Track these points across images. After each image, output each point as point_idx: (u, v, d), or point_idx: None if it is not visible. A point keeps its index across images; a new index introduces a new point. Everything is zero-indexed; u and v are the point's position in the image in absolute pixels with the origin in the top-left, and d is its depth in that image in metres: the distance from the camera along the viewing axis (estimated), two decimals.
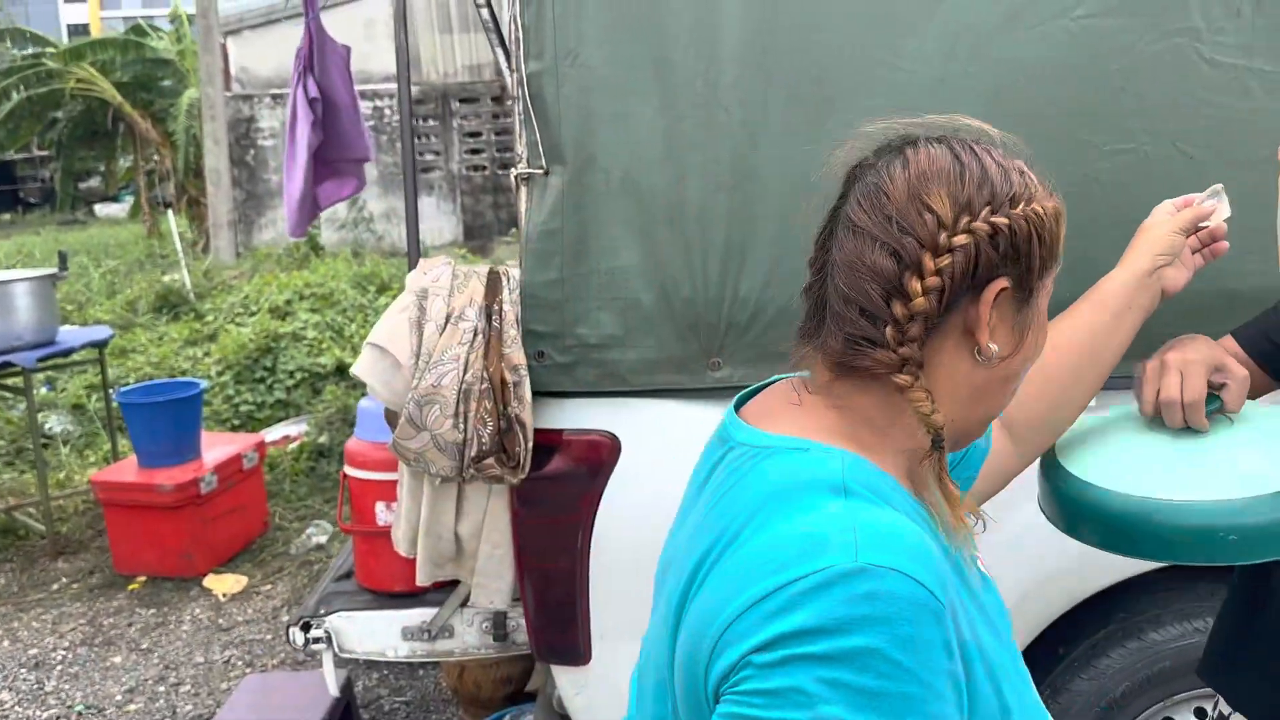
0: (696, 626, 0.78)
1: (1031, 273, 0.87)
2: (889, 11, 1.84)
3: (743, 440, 0.90)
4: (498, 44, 1.97)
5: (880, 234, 0.84)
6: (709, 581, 0.79)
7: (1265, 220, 1.88)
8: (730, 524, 0.82)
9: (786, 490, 0.81)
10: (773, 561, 0.74)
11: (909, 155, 0.88)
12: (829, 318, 0.88)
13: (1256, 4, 1.82)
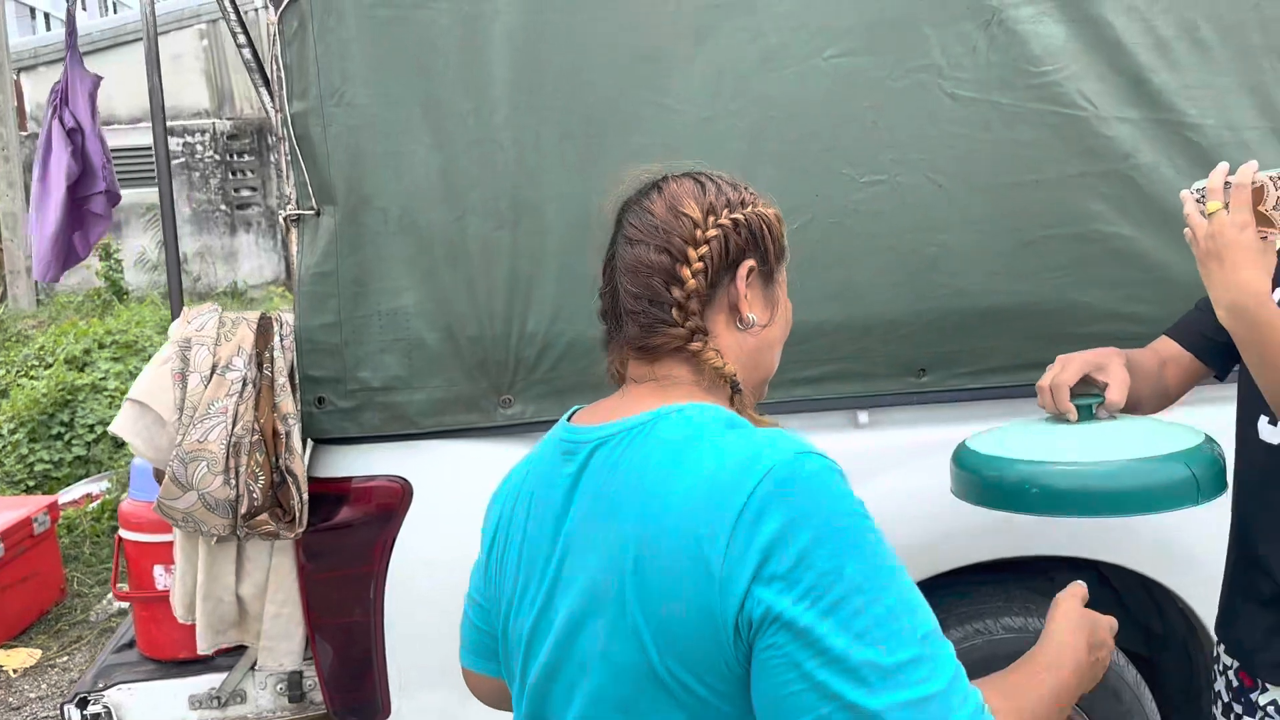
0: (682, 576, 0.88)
1: (770, 255, 1.09)
2: (652, 52, 1.89)
3: (610, 432, 1.02)
4: (261, 84, 1.89)
5: (651, 239, 1.05)
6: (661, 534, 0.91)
7: (1009, 242, 2.05)
8: (648, 484, 0.94)
9: (691, 438, 0.96)
10: (724, 484, 0.89)
11: (662, 186, 1.10)
12: (624, 319, 1.06)
13: (991, 41, 1.98)
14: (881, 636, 0.83)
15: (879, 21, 1.94)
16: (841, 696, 0.82)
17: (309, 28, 1.80)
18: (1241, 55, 2.02)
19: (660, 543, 0.90)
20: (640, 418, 1.01)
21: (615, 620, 0.93)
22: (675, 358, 1.05)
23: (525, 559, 1.06)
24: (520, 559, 1.07)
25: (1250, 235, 1.31)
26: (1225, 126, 2.04)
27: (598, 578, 0.95)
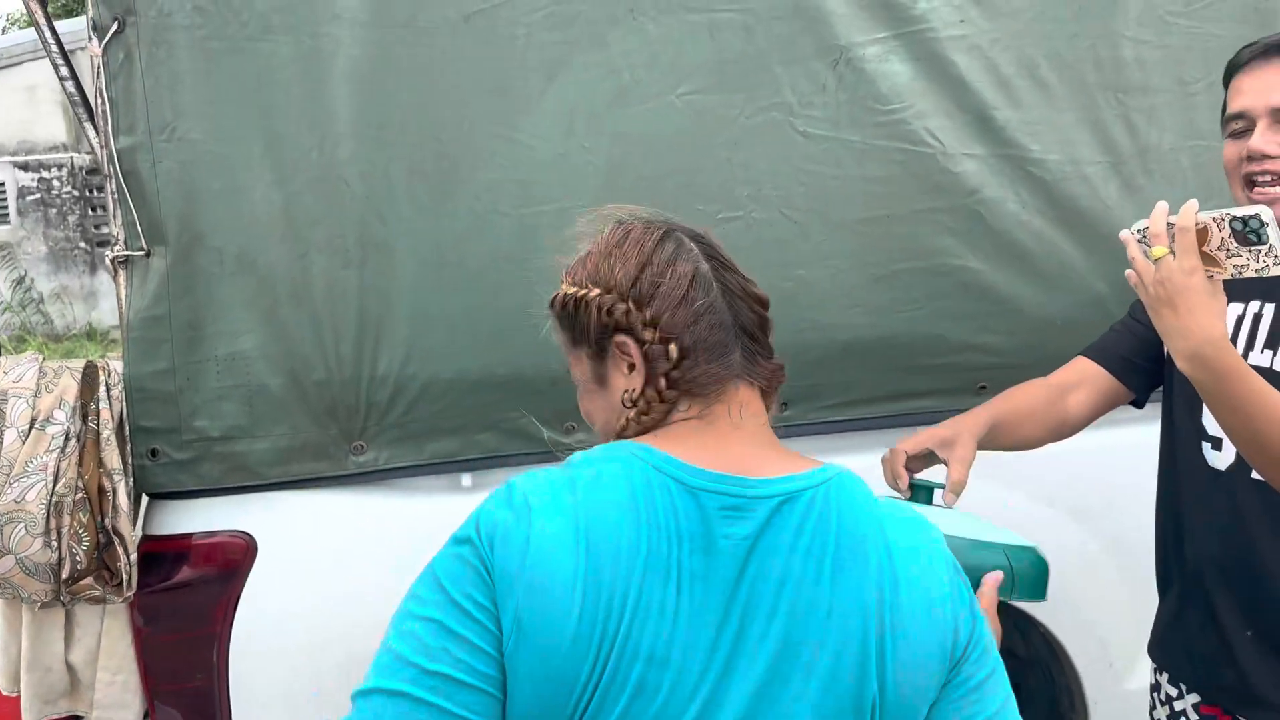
0: (922, 622, 0.92)
1: None
2: (503, 87, 1.85)
3: (793, 489, 0.95)
4: (86, 119, 1.79)
5: (739, 269, 1.09)
6: (905, 588, 0.93)
7: (863, 276, 2.07)
8: (874, 548, 0.94)
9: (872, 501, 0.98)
10: (926, 541, 0.97)
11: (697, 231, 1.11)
12: (744, 346, 1.01)
13: (839, 80, 2.01)
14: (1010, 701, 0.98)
15: (730, 60, 1.94)
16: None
17: (136, 60, 1.71)
18: (1079, 92, 2.09)
19: (902, 606, 0.92)
20: (818, 475, 0.96)
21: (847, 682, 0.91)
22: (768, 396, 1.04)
23: (672, 634, 0.89)
24: (659, 634, 0.89)
25: (1200, 279, 1.27)
26: (1067, 161, 2.12)
27: (810, 644, 0.91)
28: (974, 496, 2.14)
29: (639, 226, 1.07)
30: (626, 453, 0.96)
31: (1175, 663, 1.61)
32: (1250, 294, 1.48)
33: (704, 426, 0.99)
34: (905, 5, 2.00)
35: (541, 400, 1.95)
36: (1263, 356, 1.44)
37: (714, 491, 0.93)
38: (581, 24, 1.88)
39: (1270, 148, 1.39)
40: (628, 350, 1.02)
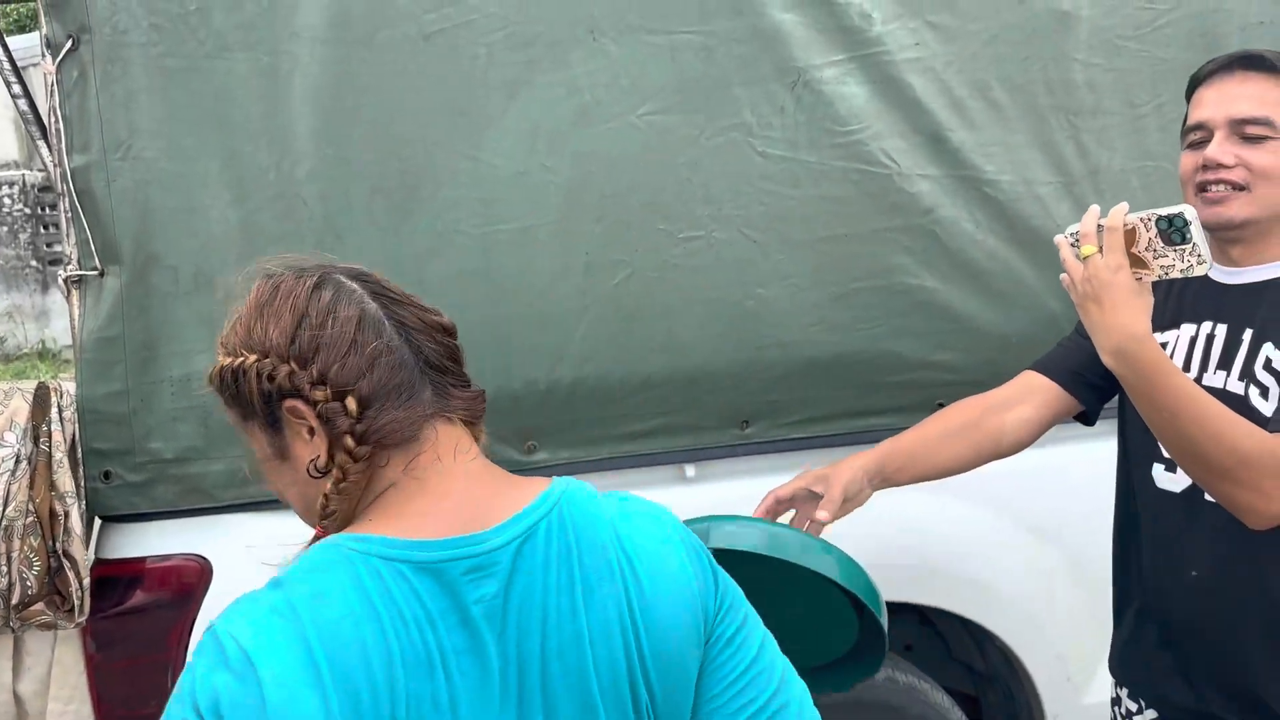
0: (673, 611, 0.94)
1: None
2: (465, 106, 1.86)
3: (520, 530, 0.92)
4: (39, 137, 1.76)
5: (419, 304, 1.02)
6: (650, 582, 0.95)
7: (822, 295, 2.09)
8: (614, 557, 0.94)
9: (598, 502, 0.99)
10: (659, 529, 0.99)
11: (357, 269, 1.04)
12: (445, 381, 0.96)
13: (797, 101, 2.03)
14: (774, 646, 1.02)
15: (690, 81, 1.96)
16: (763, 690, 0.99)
17: (90, 77, 1.69)
18: (1032, 114, 2.13)
19: (650, 602, 0.93)
20: (542, 504, 0.93)
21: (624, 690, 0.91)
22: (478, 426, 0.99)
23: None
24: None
25: (1125, 276, 1.30)
26: (1020, 182, 2.15)
27: (593, 673, 0.90)
28: (938, 514, 2.17)
29: (289, 277, 0.97)
30: (342, 553, 0.86)
31: (1134, 679, 1.63)
32: (1203, 315, 1.50)
33: (416, 488, 0.91)
34: (861, 28, 2.03)
35: (502, 419, 1.94)
36: (1215, 377, 1.45)
37: (451, 560, 0.87)
38: (543, 44, 1.89)
39: (1225, 157, 1.40)
40: (301, 414, 0.91)
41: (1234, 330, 1.44)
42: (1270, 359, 1.38)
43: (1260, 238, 1.43)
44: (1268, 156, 1.39)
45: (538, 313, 1.92)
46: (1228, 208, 1.41)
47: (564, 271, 1.93)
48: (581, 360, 1.96)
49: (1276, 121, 1.38)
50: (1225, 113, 1.41)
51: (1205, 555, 1.47)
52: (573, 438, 1.99)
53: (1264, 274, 1.44)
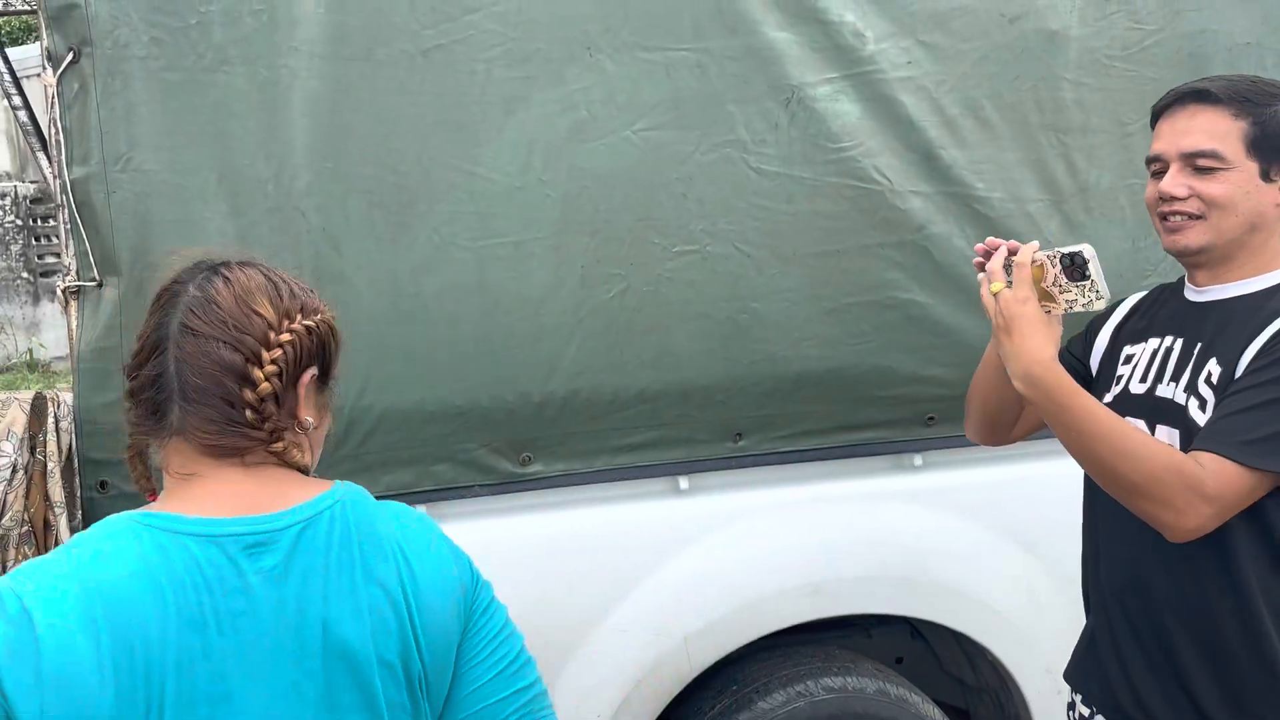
0: (441, 594, 1.07)
1: (329, 365, 1.11)
2: (461, 121, 1.87)
3: (305, 515, 1.02)
4: (39, 149, 1.78)
5: (220, 334, 1.01)
6: (420, 570, 1.06)
7: (814, 310, 2.11)
8: (388, 542, 1.06)
9: (373, 501, 1.09)
10: (424, 528, 1.11)
11: (228, 274, 1.05)
12: (189, 410, 1.01)
13: (791, 118, 2.05)
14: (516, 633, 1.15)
15: (685, 98, 1.98)
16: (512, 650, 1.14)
17: (91, 90, 1.71)
18: (1022, 132, 2.16)
19: (421, 584, 1.06)
20: (327, 498, 1.04)
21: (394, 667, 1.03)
22: (256, 451, 1.03)
23: (227, 673, 0.96)
24: (214, 677, 0.95)
25: (1032, 307, 1.41)
26: (1011, 199, 2.18)
27: (369, 646, 1.02)
28: (930, 527, 2.19)
29: (169, 281, 1.08)
30: (128, 524, 0.98)
31: (1086, 686, 1.65)
32: (1167, 330, 1.55)
33: (196, 482, 1.02)
34: (855, 47, 2.05)
35: (498, 431, 1.96)
36: (1168, 388, 1.50)
37: (233, 535, 0.98)
38: (539, 60, 1.91)
39: (1178, 190, 1.47)
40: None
41: (1187, 345, 1.51)
42: (1211, 373, 1.44)
43: (1220, 262, 1.49)
44: (1218, 187, 1.44)
45: (533, 326, 1.94)
46: (1184, 236, 1.48)
47: (559, 285, 1.95)
48: (576, 373, 1.97)
49: (1223, 153, 1.44)
50: (1177, 146, 1.48)
51: (1149, 561, 1.51)
52: (567, 450, 2.00)
53: (1221, 293, 1.50)
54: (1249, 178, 1.44)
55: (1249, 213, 1.44)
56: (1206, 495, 1.33)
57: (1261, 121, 1.44)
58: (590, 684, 2.01)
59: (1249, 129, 1.44)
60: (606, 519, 2.06)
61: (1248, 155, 1.44)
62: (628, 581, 2.04)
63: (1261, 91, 1.46)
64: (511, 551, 1.99)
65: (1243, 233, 1.45)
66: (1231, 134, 1.44)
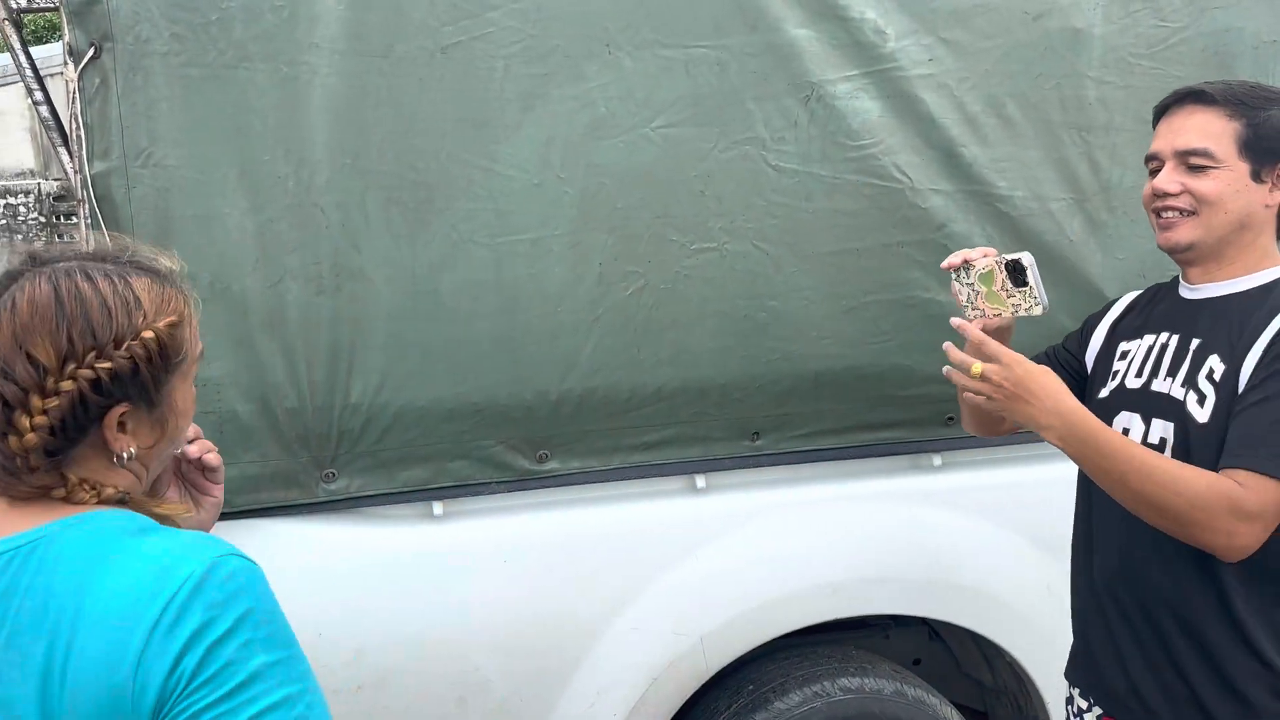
0: (90, 694, 0.85)
1: (150, 388, 0.97)
2: (481, 118, 1.87)
3: None
4: (60, 144, 1.78)
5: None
6: (77, 656, 0.85)
7: (833, 308, 2.10)
8: (56, 606, 0.87)
9: (100, 550, 0.89)
10: (142, 597, 0.86)
11: (16, 296, 0.93)
12: None
13: (811, 116, 2.04)
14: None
15: (704, 95, 1.97)
16: None
17: (112, 85, 1.71)
18: (1045, 130, 2.14)
19: (74, 670, 0.86)
20: (29, 535, 0.90)
21: None
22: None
23: None
24: None
25: (1027, 364, 1.44)
26: (1033, 198, 2.16)
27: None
28: (948, 527, 2.17)
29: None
30: None
31: (1085, 680, 1.66)
32: (1162, 326, 1.59)
33: None
34: (875, 44, 2.04)
35: (515, 428, 1.96)
36: (1164, 383, 1.53)
37: None
38: (558, 57, 1.90)
39: (1171, 186, 1.51)
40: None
41: (1183, 340, 1.54)
42: (1213, 369, 1.47)
43: (1211, 258, 1.53)
44: (1209, 184, 1.49)
45: (550, 323, 1.94)
46: (1175, 232, 1.52)
47: (577, 282, 1.94)
48: (593, 371, 1.97)
49: (1215, 152, 1.49)
50: (1172, 145, 1.53)
51: (1144, 551, 1.52)
52: (584, 448, 2.00)
53: (1215, 291, 1.54)
54: (1239, 177, 1.48)
55: (1239, 211, 1.49)
56: (1249, 514, 1.35)
57: (1255, 124, 1.48)
58: (605, 682, 2.00)
59: (1242, 130, 1.49)
60: (623, 517, 2.05)
61: (1240, 156, 1.48)
62: (643, 580, 2.04)
63: (1258, 96, 1.51)
64: (527, 548, 1.99)
65: (1232, 230, 1.50)
66: (1225, 134, 1.49)
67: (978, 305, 1.59)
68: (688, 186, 1.99)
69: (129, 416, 0.96)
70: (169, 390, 0.99)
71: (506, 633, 1.96)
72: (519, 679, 1.97)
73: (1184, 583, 1.48)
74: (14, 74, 8.74)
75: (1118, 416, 1.59)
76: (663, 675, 2.03)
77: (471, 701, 1.96)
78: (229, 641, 0.87)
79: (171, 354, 0.98)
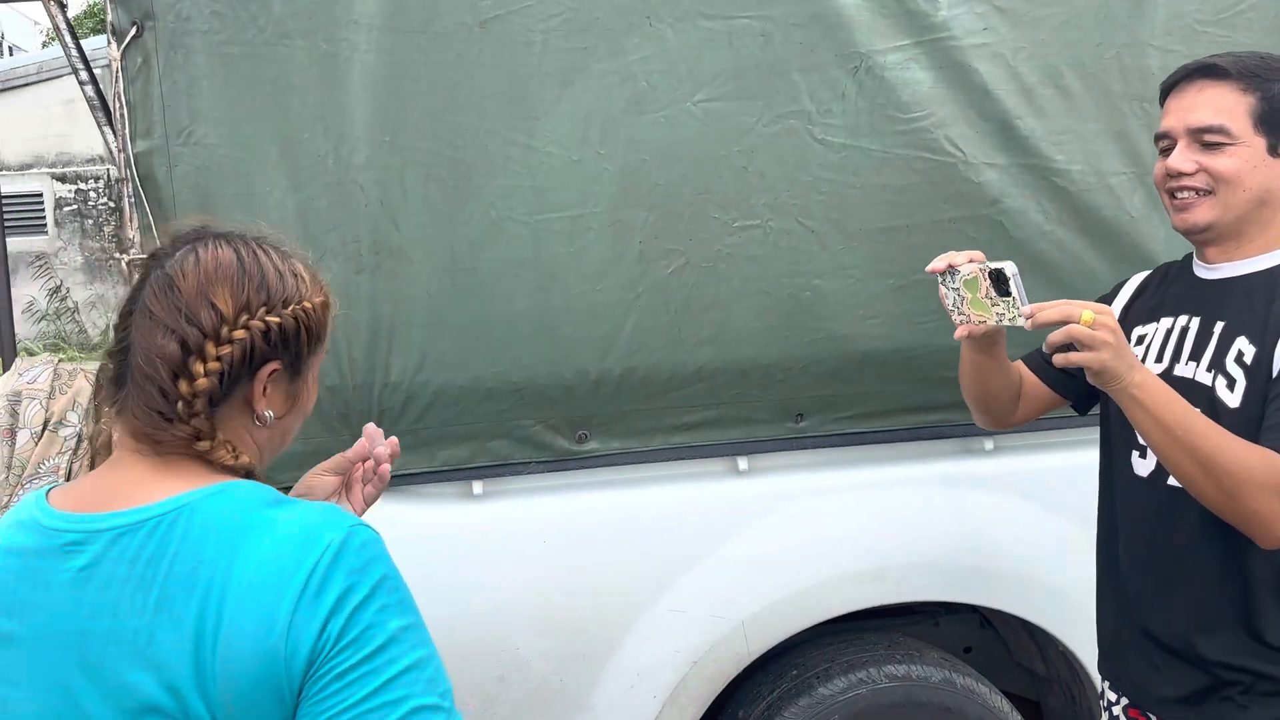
0: (244, 656, 0.91)
1: (300, 357, 1.06)
2: (518, 93, 1.85)
3: (130, 521, 0.95)
4: (105, 123, 1.80)
5: (170, 322, 0.98)
6: (229, 621, 0.91)
7: (881, 286, 2.05)
8: (206, 572, 0.92)
9: (244, 520, 0.95)
10: (288, 565, 0.92)
11: (200, 253, 1.02)
12: (133, 391, 0.99)
13: (859, 88, 1.99)
14: (411, 680, 0.94)
15: (747, 67, 1.93)
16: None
17: (153, 64, 1.72)
18: (1105, 101, 2.06)
19: (227, 634, 0.91)
20: (174, 502, 0.95)
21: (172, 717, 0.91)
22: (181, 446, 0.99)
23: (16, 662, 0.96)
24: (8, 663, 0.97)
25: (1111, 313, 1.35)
26: (1092, 172, 2.08)
27: (142, 676, 0.92)
28: (1001, 514, 2.11)
29: (161, 248, 1.06)
30: (29, 498, 1.03)
31: (1116, 671, 1.62)
32: (1180, 309, 1.54)
33: (99, 468, 1.04)
34: (927, 12, 1.97)
35: (553, 407, 1.94)
36: (1186, 368, 1.48)
37: (59, 530, 0.97)
38: (598, 31, 1.87)
39: (1185, 165, 1.45)
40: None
41: (1205, 323, 1.48)
42: (1242, 352, 1.42)
43: (1230, 237, 1.48)
44: (1225, 161, 1.43)
45: (589, 302, 1.91)
46: (1192, 213, 1.47)
47: (616, 261, 1.92)
48: (632, 350, 1.94)
49: (1230, 129, 1.43)
50: (1184, 122, 1.47)
51: (1168, 539, 1.48)
52: (623, 428, 1.98)
53: (1235, 270, 1.48)
54: (1256, 152, 1.43)
55: (1257, 187, 1.43)
56: None
57: (1270, 97, 1.43)
58: (645, 664, 1.99)
59: (1257, 104, 1.43)
60: (664, 498, 2.03)
61: (1255, 130, 1.43)
62: (684, 562, 2.01)
63: (1270, 67, 1.45)
64: (567, 529, 1.98)
65: (1251, 208, 1.44)
66: (1239, 109, 1.43)
67: (964, 311, 1.52)
68: (730, 162, 1.95)
69: (275, 380, 1.03)
70: (310, 365, 1.08)
71: (546, 613, 1.95)
72: (558, 659, 1.97)
73: (1209, 579, 1.44)
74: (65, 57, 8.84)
75: None
76: (704, 658, 2.01)
77: (511, 679, 1.96)
78: (368, 606, 0.94)
79: (320, 330, 1.07)
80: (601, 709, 1.99)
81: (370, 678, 0.92)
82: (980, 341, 1.57)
